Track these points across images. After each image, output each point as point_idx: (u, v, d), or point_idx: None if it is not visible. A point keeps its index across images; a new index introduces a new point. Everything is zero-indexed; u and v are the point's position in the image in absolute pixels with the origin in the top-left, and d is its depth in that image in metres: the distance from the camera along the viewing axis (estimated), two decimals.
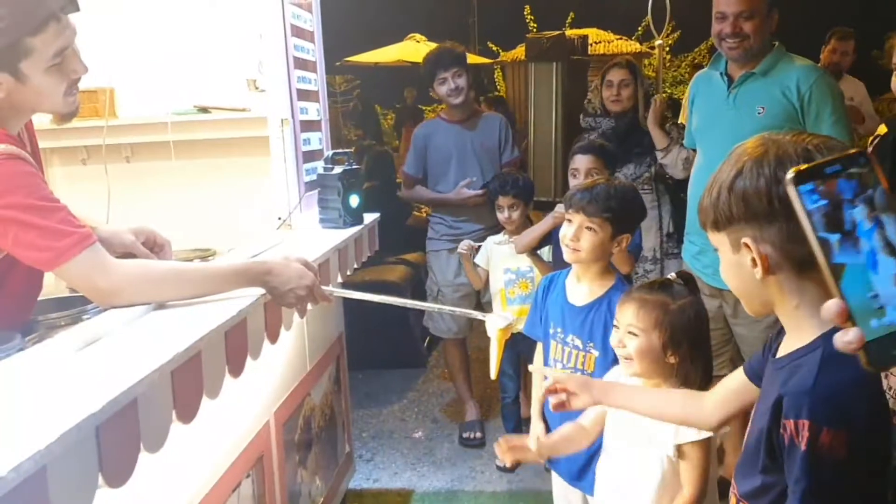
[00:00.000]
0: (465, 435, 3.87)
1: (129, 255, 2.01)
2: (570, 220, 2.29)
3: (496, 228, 3.57)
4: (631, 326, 1.90)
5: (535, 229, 3.13)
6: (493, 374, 2.10)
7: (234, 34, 3.09)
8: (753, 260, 1.17)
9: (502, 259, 3.41)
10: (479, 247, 3.47)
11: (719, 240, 1.24)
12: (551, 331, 2.37)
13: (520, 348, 3.47)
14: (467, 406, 4.01)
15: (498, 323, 1.94)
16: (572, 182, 3.10)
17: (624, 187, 2.34)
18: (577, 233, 2.25)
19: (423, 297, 4.07)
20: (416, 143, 3.86)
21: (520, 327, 2.32)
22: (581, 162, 3.07)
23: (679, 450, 1.85)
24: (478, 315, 2.09)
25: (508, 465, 2.52)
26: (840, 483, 1.12)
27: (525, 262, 3.35)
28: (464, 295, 3.81)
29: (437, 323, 3.97)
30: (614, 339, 1.96)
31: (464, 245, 3.45)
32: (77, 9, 1.67)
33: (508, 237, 3.40)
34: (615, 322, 1.97)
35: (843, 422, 1.10)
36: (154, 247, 2.08)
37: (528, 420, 3.73)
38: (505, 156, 3.80)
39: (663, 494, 1.89)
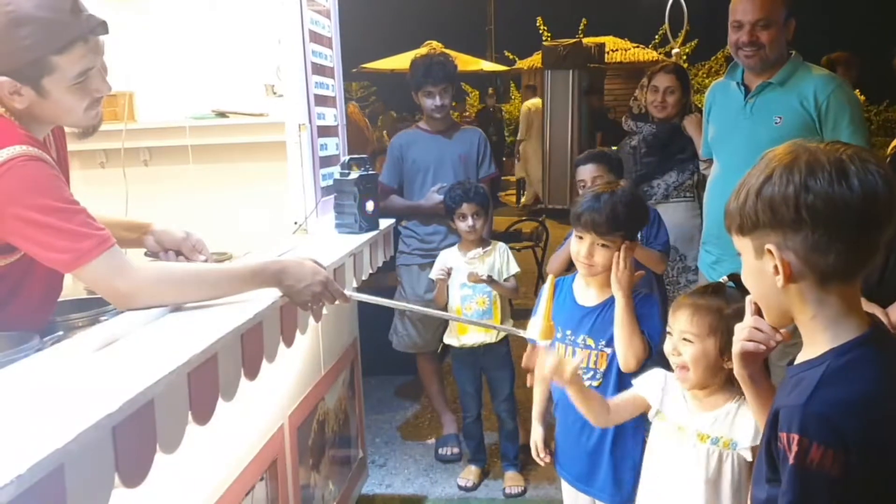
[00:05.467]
0: (442, 451, 3.82)
1: (178, 252, 2.08)
2: (580, 238, 2.27)
3: None
4: (685, 333, 1.86)
5: (561, 253, 3.06)
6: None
7: (253, 39, 3.11)
8: (776, 267, 1.16)
9: (460, 274, 3.32)
10: (450, 269, 3.34)
11: (743, 244, 1.23)
12: (559, 335, 2.36)
13: (481, 364, 3.48)
14: (444, 419, 3.96)
15: (537, 326, 1.94)
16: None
17: (626, 194, 2.30)
18: (589, 250, 2.24)
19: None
20: (392, 154, 3.79)
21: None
22: (585, 172, 3.07)
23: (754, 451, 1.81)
24: (518, 332, 2.07)
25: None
26: (830, 502, 1.10)
27: None
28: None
29: (402, 338, 3.86)
30: (668, 346, 1.92)
31: (442, 273, 3.32)
32: (106, 31, 1.69)
33: (481, 250, 3.33)
34: (668, 328, 1.93)
35: (835, 440, 1.08)
36: (193, 254, 2.12)
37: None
38: (482, 170, 3.75)
39: (737, 496, 1.86)
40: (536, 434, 2.45)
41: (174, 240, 2.09)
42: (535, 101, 11.48)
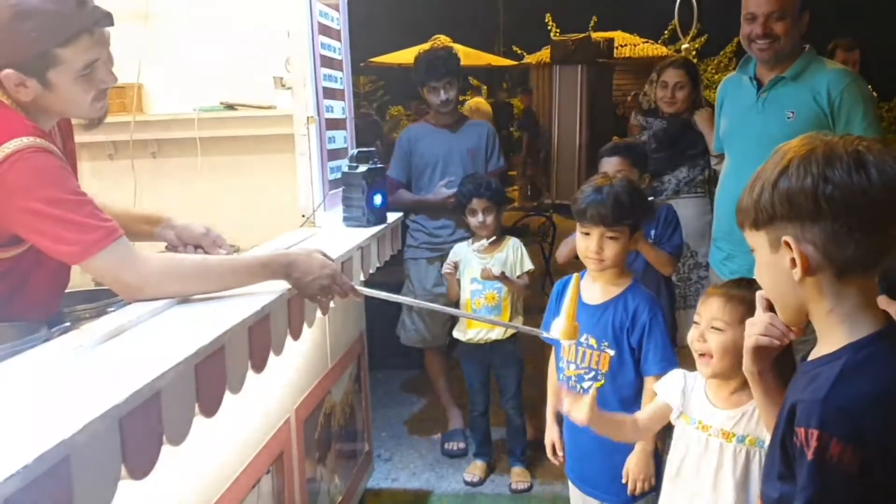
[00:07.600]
0: (448, 446, 3.82)
1: (198, 246, 2.08)
2: (587, 234, 2.23)
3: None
4: (716, 321, 1.82)
5: (570, 240, 3.03)
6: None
7: (262, 32, 3.10)
8: (793, 260, 1.15)
9: (471, 269, 3.31)
10: (457, 263, 3.36)
11: (757, 239, 1.21)
12: None
13: (489, 360, 3.48)
14: (450, 414, 3.96)
15: (559, 326, 1.89)
16: None
17: (625, 184, 2.26)
18: (599, 244, 2.20)
19: None
20: (401, 148, 3.78)
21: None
22: (608, 165, 3.02)
23: None
24: (537, 332, 2.02)
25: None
26: (848, 498, 1.08)
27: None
28: (441, 304, 3.68)
29: (410, 332, 3.85)
30: (694, 333, 1.86)
31: (449, 266, 3.36)
32: (112, 23, 1.68)
33: (486, 241, 3.30)
34: (695, 318, 1.88)
35: (854, 435, 1.07)
36: (213, 249, 2.11)
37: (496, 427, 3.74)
38: (491, 164, 3.74)
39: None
40: (553, 433, 2.42)
41: (194, 235, 2.09)
42: (473, 101, 11.38)
